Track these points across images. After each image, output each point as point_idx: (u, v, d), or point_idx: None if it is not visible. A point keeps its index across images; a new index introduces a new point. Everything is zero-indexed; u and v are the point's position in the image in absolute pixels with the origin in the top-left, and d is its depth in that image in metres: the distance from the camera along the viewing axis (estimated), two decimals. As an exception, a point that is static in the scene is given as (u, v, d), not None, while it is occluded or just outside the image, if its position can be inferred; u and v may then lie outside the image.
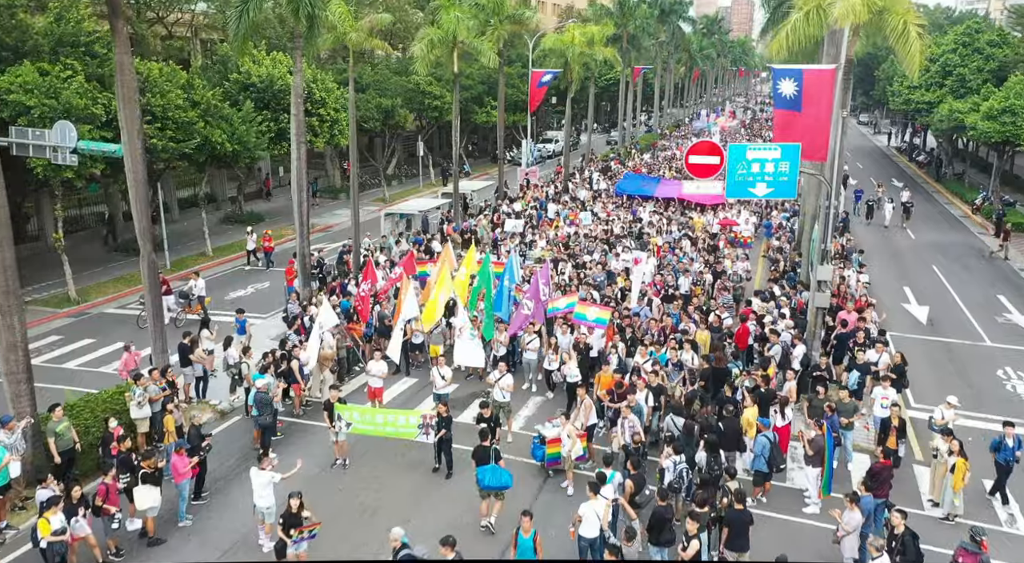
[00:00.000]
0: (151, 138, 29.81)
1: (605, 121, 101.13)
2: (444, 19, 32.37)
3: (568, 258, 28.80)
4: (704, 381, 18.72)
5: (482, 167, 66.09)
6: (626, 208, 38.54)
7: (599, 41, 53.34)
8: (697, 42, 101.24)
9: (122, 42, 16.86)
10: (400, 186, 56.84)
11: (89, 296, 29.42)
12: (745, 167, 18.55)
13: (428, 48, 32.25)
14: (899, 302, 29.97)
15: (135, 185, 17.85)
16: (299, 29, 22.36)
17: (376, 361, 19.15)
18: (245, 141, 33.83)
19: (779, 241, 32.88)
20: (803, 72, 21.84)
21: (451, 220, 35.75)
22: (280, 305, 27.41)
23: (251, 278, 32.23)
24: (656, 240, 31.11)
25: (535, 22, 40.95)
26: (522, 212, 39.24)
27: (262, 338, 24.56)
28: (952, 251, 38.44)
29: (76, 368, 22.98)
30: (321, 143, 40.23)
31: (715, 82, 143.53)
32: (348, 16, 25.38)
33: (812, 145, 22.09)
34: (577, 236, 31.91)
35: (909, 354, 24.27)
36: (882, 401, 16.82)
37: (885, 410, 16.63)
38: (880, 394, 16.94)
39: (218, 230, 40.85)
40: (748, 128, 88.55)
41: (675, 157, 58.63)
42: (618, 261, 28.36)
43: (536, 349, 21.00)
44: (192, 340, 19.85)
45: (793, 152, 18.43)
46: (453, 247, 33.07)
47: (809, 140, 22.00)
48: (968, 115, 44.61)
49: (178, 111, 31.01)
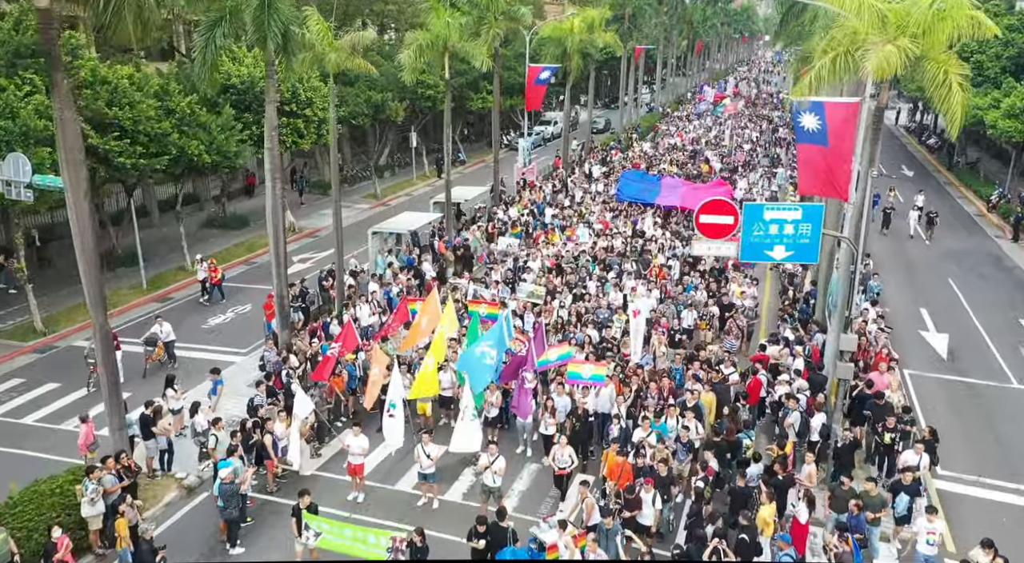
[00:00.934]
0: (119, 155, 27.88)
1: (606, 96, 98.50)
2: (434, 23, 30.17)
3: (565, 288, 26.98)
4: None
5: (478, 153, 63.92)
6: (626, 216, 36.58)
7: (599, 26, 51.06)
8: (700, 13, 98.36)
9: (63, 97, 14.93)
10: (393, 177, 54.78)
11: (58, 324, 27.64)
12: (762, 228, 16.75)
13: (416, 54, 30.10)
14: (916, 328, 28.28)
15: (84, 253, 16.02)
16: (270, 55, 20.30)
17: (355, 436, 17.50)
18: (224, 150, 31.83)
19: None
20: (825, 105, 20.00)
21: (443, 234, 33.85)
22: (262, 337, 25.78)
23: (230, 302, 30.41)
24: (658, 261, 29.26)
25: (531, 19, 38.61)
26: (518, 219, 37.37)
27: (239, 383, 22.90)
28: (967, 260, 36.60)
29: (33, 424, 21.30)
30: (308, 144, 38.21)
31: (718, 49, 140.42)
32: (328, 34, 23.25)
33: (836, 183, 20.32)
34: (574, 260, 29.94)
35: (930, 399, 22.75)
36: (928, 536, 14.42)
37: (932, 547, 14.41)
38: (926, 527, 14.48)
39: (200, 236, 39.02)
40: (752, 105, 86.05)
41: (676, 147, 56.44)
42: (617, 293, 26.56)
43: (530, 410, 19.38)
44: (155, 410, 18.17)
45: (815, 214, 16.62)
46: (446, 266, 31.60)
47: (833, 178, 20.23)
48: (988, 112, 42.45)
49: (150, 122, 29.02)
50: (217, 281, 30.15)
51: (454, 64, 33.45)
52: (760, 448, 18.30)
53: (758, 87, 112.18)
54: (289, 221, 40.14)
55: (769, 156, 54.03)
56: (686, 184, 40.49)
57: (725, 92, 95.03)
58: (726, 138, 58.26)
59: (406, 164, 56.95)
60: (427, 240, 34.94)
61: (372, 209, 46.58)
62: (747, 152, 54.32)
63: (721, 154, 52.55)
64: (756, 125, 67.21)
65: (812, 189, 20.87)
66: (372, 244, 30.76)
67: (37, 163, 23.71)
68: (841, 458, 17.18)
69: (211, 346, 26.22)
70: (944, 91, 15.07)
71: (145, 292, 31.18)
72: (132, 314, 29.31)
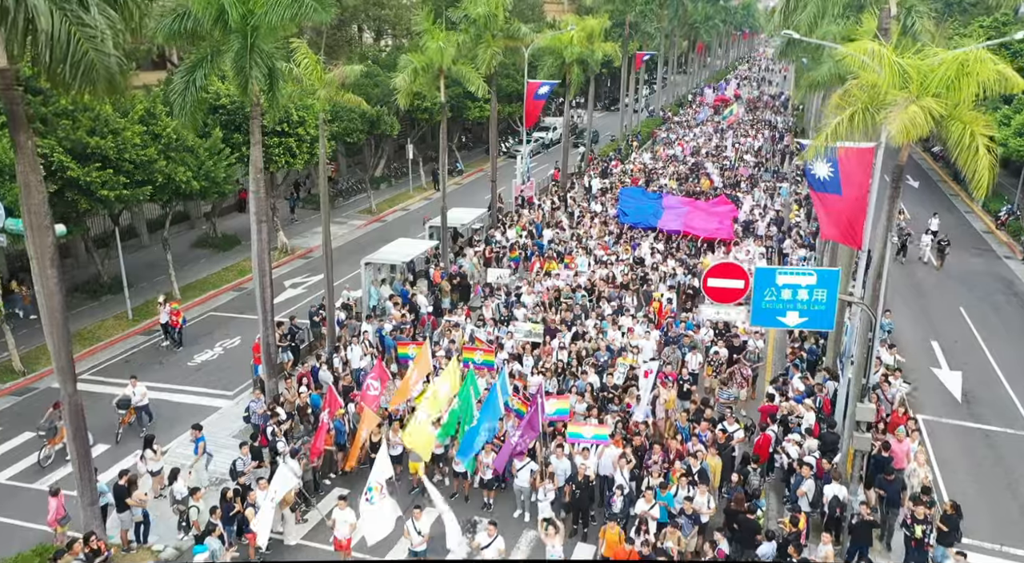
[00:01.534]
0: (101, 187, 26.80)
1: (606, 98, 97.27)
2: (428, 45, 29.07)
3: (562, 327, 25.95)
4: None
5: (476, 162, 62.82)
6: (626, 241, 35.49)
7: (598, 35, 49.94)
8: (702, 13, 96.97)
9: (28, 160, 13.91)
10: (389, 189, 53.65)
11: (38, 363, 26.57)
12: (774, 293, 15.75)
13: (411, 78, 29.01)
14: (928, 365, 27.31)
15: (51, 321, 15.02)
16: (255, 98, 19.22)
17: (342, 510, 16.53)
18: (213, 176, 30.77)
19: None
20: (837, 151, 19.11)
21: (439, 260, 32.80)
22: (250, 376, 24.83)
23: (218, 334, 29.42)
24: (660, 295, 28.23)
25: (531, 38, 37.48)
26: (516, 242, 36.33)
27: (223, 434, 21.99)
28: (978, 285, 35.55)
29: (7, 483, 20.29)
30: (300, 163, 37.11)
31: (719, 45, 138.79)
32: (318, 68, 22.16)
33: (850, 231, 19.42)
34: (572, 292, 28.86)
35: (946, 450, 21.86)
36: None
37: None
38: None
39: (190, 257, 37.98)
40: (754, 108, 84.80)
41: (676, 158, 55.27)
42: (616, 331, 25.56)
43: (530, 475, 18.40)
44: (130, 480, 17.18)
45: (831, 279, 15.62)
46: (442, 297, 30.55)
47: (847, 226, 19.34)
48: (998, 129, 41.40)
49: (135, 149, 27.95)
50: (177, 324, 27.94)
51: (449, 77, 32.28)
52: (769, 501, 17.37)
53: (759, 87, 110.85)
54: (281, 242, 39.24)
55: (772, 170, 52.83)
56: (688, 203, 39.46)
57: (726, 94, 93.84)
58: (728, 148, 57.06)
59: (403, 174, 55.83)
60: (422, 265, 33.95)
61: (367, 226, 45.54)
62: (750, 165, 53.15)
63: (723, 167, 51.39)
64: (759, 132, 65.95)
65: (833, 236, 20.01)
66: (365, 275, 29.71)
67: (11, 201, 22.73)
68: (858, 535, 16.23)
69: (196, 387, 25.24)
70: (970, 154, 14.03)
71: (131, 323, 30.18)
72: (117, 349, 28.34)
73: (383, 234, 43.75)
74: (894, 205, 16.01)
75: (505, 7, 34.30)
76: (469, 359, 22.43)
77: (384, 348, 25.83)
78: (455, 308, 30.77)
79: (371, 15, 60.16)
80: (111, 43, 13.31)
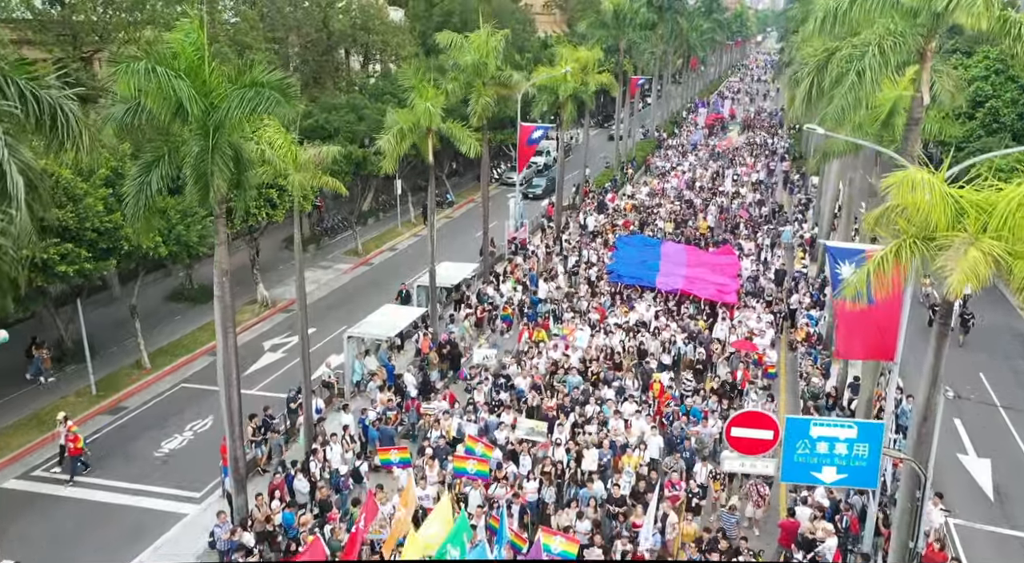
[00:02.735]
0: (60, 261, 24.69)
1: (599, 114, 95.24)
2: (416, 104, 27.02)
3: (560, 415, 23.97)
4: None
5: (467, 191, 60.73)
6: (622, 301, 33.48)
7: (592, 67, 48.03)
8: (697, 29, 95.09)
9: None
10: (377, 225, 51.52)
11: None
12: (807, 446, 13.86)
13: (397, 139, 26.98)
14: (954, 451, 25.39)
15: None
16: (216, 210, 17.20)
17: None
18: (185, 240, 28.63)
19: (808, 365, 28.01)
20: (867, 254, 17.30)
21: (427, 326, 30.74)
22: (220, 473, 22.79)
23: (188, 413, 27.31)
24: (660, 377, 26.24)
25: (524, 85, 35.47)
26: (510, 300, 34.35)
27: (188, 554, 19.95)
28: (997, 345, 33.51)
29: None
30: (281, 216, 34.98)
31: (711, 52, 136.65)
32: (293, 150, 20.11)
33: (880, 342, 17.55)
34: (565, 373, 26.83)
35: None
36: None
37: None
38: None
39: (163, 313, 35.79)
40: (750, 128, 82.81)
41: (670, 194, 52.99)
42: (618, 421, 23.62)
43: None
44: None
45: (874, 433, 13.73)
46: (430, 369, 28.56)
47: (877, 335, 17.46)
48: (1011, 175, 39.58)
49: (98, 216, 25.84)
50: (76, 452, 23.04)
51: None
52: None
53: (752, 102, 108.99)
54: (260, 295, 37.14)
55: (773, 209, 50.73)
56: (689, 254, 37.50)
57: (721, 112, 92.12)
58: (726, 183, 55.04)
59: (391, 207, 53.59)
60: (409, 330, 31.87)
61: (354, 269, 43.52)
62: (748, 202, 51.11)
63: (720, 206, 49.32)
64: (756, 160, 64.04)
65: (854, 354, 18.09)
66: (348, 348, 27.67)
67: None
68: None
69: (160, 488, 23.06)
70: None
71: (95, 399, 28.05)
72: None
73: (371, 279, 41.89)
74: (942, 347, 14.06)
75: (496, 52, 32.32)
76: (462, 470, 20.54)
77: (368, 439, 23.88)
78: (444, 378, 28.94)
79: (358, 40, 58.07)
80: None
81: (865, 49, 16.80)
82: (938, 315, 14.02)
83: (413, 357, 30.51)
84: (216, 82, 16.39)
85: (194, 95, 15.91)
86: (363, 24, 57.46)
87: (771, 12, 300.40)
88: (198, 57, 16.31)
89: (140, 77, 15.37)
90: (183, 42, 16.35)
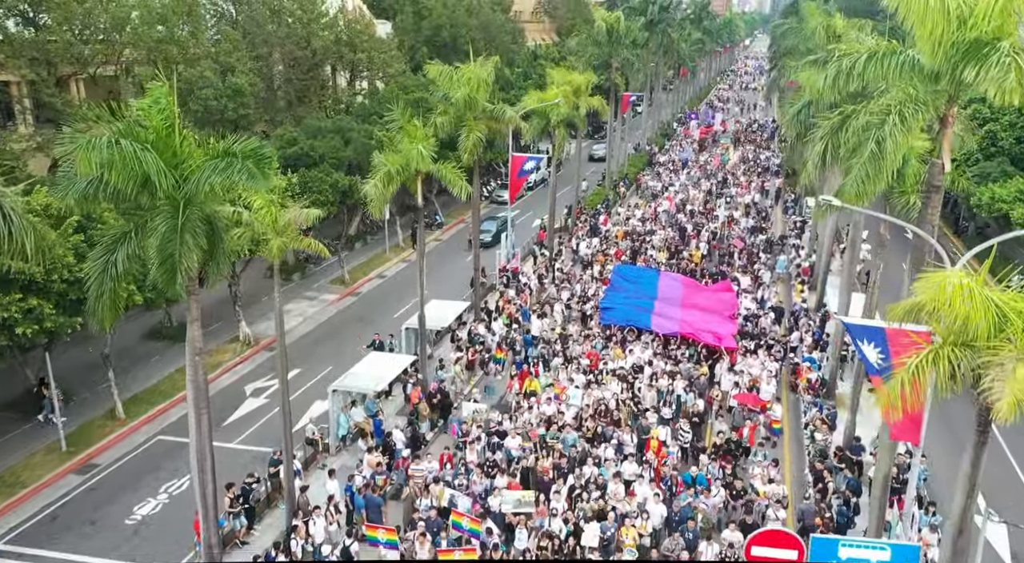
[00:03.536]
0: (23, 319, 23.27)
1: (589, 125, 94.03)
2: (405, 146, 25.77)
3: (557, 480, 22.77)
4: None
5: (456, 210, 59.30)
6: (617, 342, 32.22)
7: (584, 91, 46.90)
8: (687, 39, 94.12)
9: None
10: (365, 249, 50.16)
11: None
12: (834, 568, 12.69)
13: (384, 183, 25.73)
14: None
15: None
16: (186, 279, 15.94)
17: None
18: (161, 288, 27.19)
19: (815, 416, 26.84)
20: (887, 333, 16.29)
21: (417, 377, 29.41)
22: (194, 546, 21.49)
23: (164, 471, 25.93)
24: (658, 433, 25.08)
25: (516, 121, 34.23)
26: (503, 339, 33.11)
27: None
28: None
29: None
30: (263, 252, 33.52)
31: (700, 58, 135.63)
32: (272, 211, 18.84)
33: (909, 424, 16.49)
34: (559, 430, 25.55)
35: None
36: None
37: None
38: None
39: (140, 353, 34.35)
40: (742, 142, 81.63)
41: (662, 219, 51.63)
42: (618, 484, 22.47)
43: None
44: None
45: (910, 556, 12.56)
46: (420, 421, 27.35)
47: (907, 417, 16.33)
48: (1014, 206, 38.75)
49: (67, 267, 24.45)
50: None
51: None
52: None
53: (743, 112, 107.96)
54: (243, 333, 35.81)
55: (769, 237, 49.46)
56: (685, 288, 36.19)
57: (713, 124, 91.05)
58: (721, 207, 53.80)
59: (378, 229, 52.17)
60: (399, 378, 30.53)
61: (340, 300, 42.19)
62: (743, 228, 49.90)
63: (713, 232, 48.06)
64: (750, 180, 62.89)
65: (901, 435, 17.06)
66: (332, 402, 26.39)
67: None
68: None
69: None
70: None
71: (65, 456, 26.63)
72: (44, 498, 24.61)
73: (358, 312, 40.60)
74: (980, 456, 12.93)
75: (487, 86, 31.10)
76: (457, 523, 19.92)
77: (354, 507, 22.62)
78: (435, 428, 27.77)
79: (344, 57, 56.68)
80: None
81: (884, 117, 15.65)
82: (977, 424, 12.87)
83: (402, 404, 29.30)
84: (187, 153, 15.12)
85: (163, 168, 14.64)
86: (348, 40, 56.12)
87: (758, 15, 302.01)
88: (167, 126, 15.04)
89: (103, 152, 14.05)
90: (150, 109, 15.06)
